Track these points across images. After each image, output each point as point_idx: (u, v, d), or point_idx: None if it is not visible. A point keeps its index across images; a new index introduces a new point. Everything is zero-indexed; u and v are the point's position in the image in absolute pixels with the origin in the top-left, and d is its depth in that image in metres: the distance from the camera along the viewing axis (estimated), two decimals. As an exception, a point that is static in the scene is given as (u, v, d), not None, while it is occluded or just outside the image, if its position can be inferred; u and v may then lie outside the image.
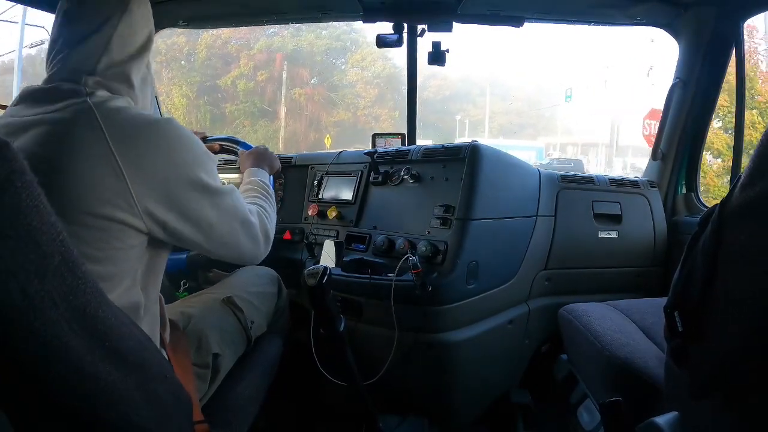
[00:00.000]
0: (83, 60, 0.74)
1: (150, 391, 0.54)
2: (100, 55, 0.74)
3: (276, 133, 20.80)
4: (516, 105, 25.79)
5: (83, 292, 0.45)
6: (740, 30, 1.45)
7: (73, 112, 0.68)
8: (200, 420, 0.75)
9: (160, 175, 0.71)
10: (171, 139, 0.73)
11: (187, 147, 0.75)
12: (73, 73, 0.73)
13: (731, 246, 0.52)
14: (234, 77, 20.77)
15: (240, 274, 1.22)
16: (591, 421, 1.06)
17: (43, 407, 0.46)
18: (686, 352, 0.59)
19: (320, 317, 1.03)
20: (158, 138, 0.72)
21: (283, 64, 21.24)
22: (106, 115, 0.69)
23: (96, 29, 0.74)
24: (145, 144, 0.70)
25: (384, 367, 1.19)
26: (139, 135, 0.70)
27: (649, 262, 1.57)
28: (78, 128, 0.67)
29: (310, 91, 22.29)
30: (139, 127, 0.71)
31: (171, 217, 0.73)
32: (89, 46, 0.74)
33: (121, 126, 0.69)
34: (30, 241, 0.41)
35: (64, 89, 0.71)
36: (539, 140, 23.24)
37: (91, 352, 0.46)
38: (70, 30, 0.75)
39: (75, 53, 0.74)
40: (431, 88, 24.42)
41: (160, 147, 0.72)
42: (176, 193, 0.73)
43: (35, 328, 0.41)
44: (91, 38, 0.74)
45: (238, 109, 20.87)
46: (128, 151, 0.68)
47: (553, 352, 1.41)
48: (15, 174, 0.39)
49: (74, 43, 0.74)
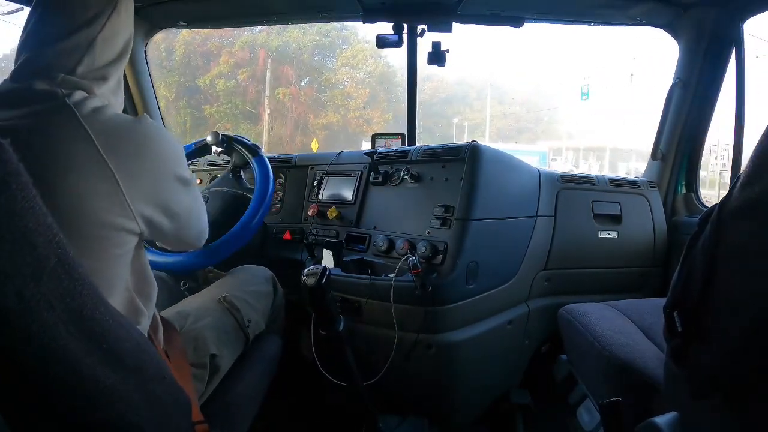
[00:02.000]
0: (63, 58, 0.69)
1: (148, 393, 0.54)
2: (82, 55, 0.70)
3: (259, 136, 19.41)
4: (514, 108, 25.05)
5: (80, 294, 0.45)
6: (740, 30, 1.45)
7: (55, 119, 0.63)
8: (199, 420, 0.75)
9: (148, 174, 0.71)
10: (154, 138, 0.73)
11: (167, 144, 0.76)
12: (49, 71, 0.68)
13: (731, 246, 0.52)
14: (213, 76, 19.41)
15: (235, 274, 1.21)
16: (591, 421, 1.06)
17: (41, 410, 0.46)
18: (686, 352, 0.59)
19: (320, 318, 1.03)
20: (143, 138, 0.71)
21: (266, 62, 19.85)
22: (89, 119, 0.65)
23: (81, 26, 0.70)
24: (133, 146, 0.70)
25: (384, 368, 1.19)
26: (125, 137, 0.69)
27: (649, 262, 1.57)
28: (63, 139, 0.63)
29: (295, 91, 20.72)
30: (124, 129, 0.69)
31: (157, 213, 0.73)
32: (71, 44, 0.69)
33: (107, 129, 0.67)
34: (26, 243, 0.40)
35: (38, 90, 0.65)
36: (538, 144, 22.43)
37: (88, 355, 0.46)
38: (51, 24, 0.70)
39: (53, 50, 0.68)
40: (426, 91, 23.27)
41: (146, 147, 0.71)
42: (163, 190, 0.74)
43: (32, 330, 0.41)
44: (75, 35, 0.69)
45: (219, 111, 19.54)
46: (118, 154, 0.67)
47: (553, 353, 1.40)
48: (10, 176, 0.39)
49: (53, 40, 0.69)
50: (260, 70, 19.91)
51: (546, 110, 24.71)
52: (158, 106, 1.93)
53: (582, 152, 21.37)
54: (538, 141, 23.38)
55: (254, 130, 19.72)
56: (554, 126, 25.25)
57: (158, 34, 1.86)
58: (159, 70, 18.36)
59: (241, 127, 19.46)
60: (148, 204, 0.71)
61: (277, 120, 20.57)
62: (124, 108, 1.86)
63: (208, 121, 19.31)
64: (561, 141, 23.15)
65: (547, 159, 20.03)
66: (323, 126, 20.90)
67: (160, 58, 18.36)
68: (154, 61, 13.15)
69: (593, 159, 20.60)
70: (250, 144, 1.32)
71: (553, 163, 19.76)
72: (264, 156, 1.29)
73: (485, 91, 24.44)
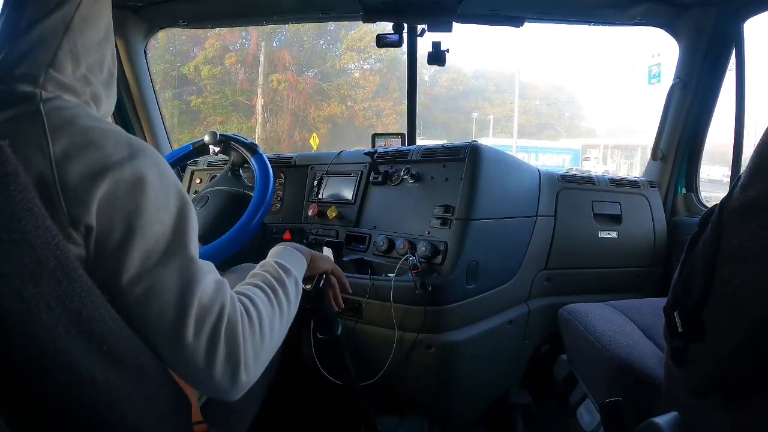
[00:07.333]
0: (40, 45, 0.59)
1: (148, 393, 0.54)
2: (61, 39, 0.60)
3: (252, 132, 16.83)
4: (533, 104, 23.40)
5: (79, 295, 0.45)
6: (740, 30, 1.45)
7: (23, 127, 0.53)
8: (199, 420, 0.75)
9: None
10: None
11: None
12: (28, 66, 0.58)
13: (731, 246, 0.52)
14: (198, 62, 16.58)
15: (234, 273, 1.21)
16: (591, 421, 1.06)
17: (41, 411, 0.46)
18: (686, 352, 0.59)
19: (318, 321, 1.02)
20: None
21: (259, 45, 17.04)
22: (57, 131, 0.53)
23: (54, 7, 0.60)
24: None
25: (384, 368, 1.19)
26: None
27: (649, 262, 1.57)
28: (23, 150, 0.51)
29: (292, 78, 17.48)
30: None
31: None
32: (47, 27, 0.59)
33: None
34: (25, 244, 0.40)
35: (18, 92, 0.56)
36: (561, 141, 21.29)
37: (88, 356, 0.46)
38: (21, 11, 0.60)
39: (28, 38, 0.58)
40: (443, 84, 21.74)
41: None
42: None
43: (31, 332, 0.41)
44: (50, 17, 0.59)
45: (206, 103, 16.75)
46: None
47: (553, 352, 1.40)
48: (9, 176, 0.39)
49: (27, 26, 0.59)
50: (251, 54, 17.29)
51: (568, 103, 23.17)
52: (158, 107, 1.93)
53: (610, 150, 20.20)
54: (560, 138, 22.27)
55: (246, 125, 17.28)
56: (576, 123, 23.98)
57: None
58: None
59: (232, 120, 17.01)
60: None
61: (273, 112, 17.94)
62: (124, 108, 1.88)
63: (196, 113, 17.04)
64: (594, 138, 21.80)
65: (580, 157, 18.81)
66: (326, 118, 18.32)
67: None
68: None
69: (621, 158, 19.41)
70: (248, 142, 1.31)
71: (585, 162, 18.66)
72: (263, 154, 1.29)
73: (504, 84, 23.09)
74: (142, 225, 0.53)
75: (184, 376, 0.56)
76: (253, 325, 0.59)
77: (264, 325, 0.60)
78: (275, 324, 0.63)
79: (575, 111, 24.09)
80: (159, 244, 0.54)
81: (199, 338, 0.54)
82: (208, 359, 0.54)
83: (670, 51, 1.63)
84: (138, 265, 0.53)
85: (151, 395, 0.55)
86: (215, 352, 0.54)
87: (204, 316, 0.54)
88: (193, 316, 0.54)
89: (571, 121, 24.35)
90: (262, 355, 0.60)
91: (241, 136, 1.34)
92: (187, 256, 0.56)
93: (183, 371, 0.56)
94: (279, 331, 0.64)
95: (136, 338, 0.53)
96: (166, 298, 0.53)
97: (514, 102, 20.97)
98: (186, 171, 1.78)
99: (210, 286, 0.57)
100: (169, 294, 0.53)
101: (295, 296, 0.71)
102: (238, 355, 0.55)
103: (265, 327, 0.61)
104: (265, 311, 0.62)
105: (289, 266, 0.74)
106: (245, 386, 0.57)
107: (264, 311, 0.62)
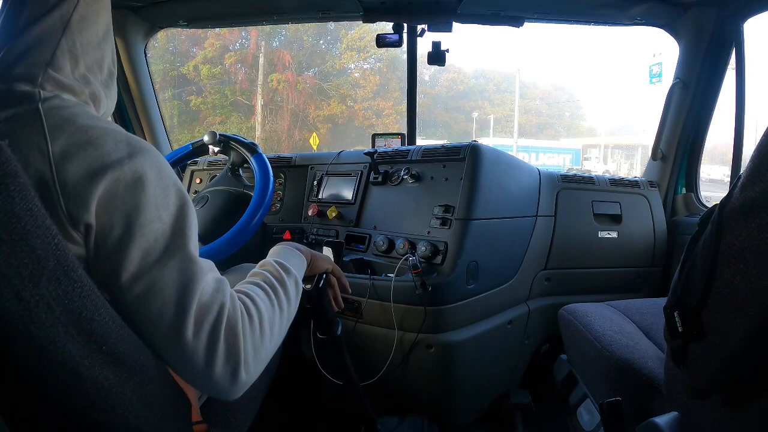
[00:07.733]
0: (38, 45, 0.59)
1: (148, 394, 0.54)
2: (59, 38, 0.60)
3: (251, 132, 16.83)
4: (533, 103, 23.43)
5: (79, 296, 0.45)
6: (740, 30, 1.45)
7: (23, 127, 0.53)
8: (199, 420, 0.74)
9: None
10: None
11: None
12: (27, 65, 0.58)
13: (731, 246, 0.52)
14: (198, 62, 16.71)
15: (233, 273, 1.21)
16: (591, 421, 1.06)
17: (41, 411, 0.46)
18: (686, 352, 0.59)
19: (318, 321, 1.02)
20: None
21: (259, 45, 17.06)
22: (55, 130, 0.53)
23: (52, 6, 0.60)
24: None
25: (384, 368, 1.20)
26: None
27: (649, 262, 1.57)
28: (23, 150, 0.52)
29: (291, 77, 17.66)
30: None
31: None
32: (45, 27, 0.59)
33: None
34: (24, 245, 0.40)
35: (18, 91, 0.56)
36: (562, 141, 21.18)
37: (88, 356, 0.46)
38: (19, 10, 0.60)
39: (26, 38, 0.59)
40: (443, 83, 21.71)
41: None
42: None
43: (31, 332, 0.41)
44: (48, 17, 0.59)
45: (205, 103, 16.85)
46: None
47: (553, 352, 1.41)
48: (8, 177, 0.39)
49: (24, 26, 0.59)
50: (252, 54, 17.18)
51: (568, 103, 23.08)
52: (158, 107, 1.93)
53: (610, 149, 19.97)
54: (561, 138, 22.21)
55: (246, 124, 17.26)
56: (576, 123, 23.92)
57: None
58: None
59: (231, 120, 16.99)
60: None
61: (272, 112, 17.90)
62: (124, 108, 1.87)
63: (195, 113, 16.88)
64: (594, 138, 21.65)
65: (580, 157, 18.72)
66: (326, 118, 18.27)
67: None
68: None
69: (621, 157, 19.21)
70: (247, 142, 1.31)
71: (586, 162, 18.55)
72: (262, 153, 1.28)
73: (504, 84, 23.02)
74: (142, 224, 0.53)
75: (183, 375, 0.56)
76: (253, 324, 0.59)
77: (264, 324, 0.60)
78: (275, 323, 0.63)
79: (575, 111, 24.17)
80: (158, 242, 0.54)
81: (199, 337, 0.53)
82: (207, 358, 0.53)
83: (671, 50, 1.63)
84: (137, 264, 0.53)
85: (151, 395, 0.55)
86: (215, 351, 0.54)
87: (204, 314, 0.54)
88: (192, 315, 0.53)
89: (571, 121, 24.39)
90: (262, 355, 0.59)
91: (240, 136, 1.34)
92: (187, 255, 0.56)
93: (183, 370, 0.55)
94: (279, 331, 0.64)
95: (136, 338, 0.53)
96: (165, 296, 0.53)
97: (515, 102, 21.01)
98: (186, 171, 1.78)
99: (210, 284, 0.57)
100: (169, 293, 0.53)
101: (296, 296, 0.71)
102: (238, 354, 0.55)
103: (265, 326, 0.60)
104: (266, 310, 0.62)
105: (289, 266, 0.74)
106: (245, 385, 0.57)
107: (264, 310, 0.61)
